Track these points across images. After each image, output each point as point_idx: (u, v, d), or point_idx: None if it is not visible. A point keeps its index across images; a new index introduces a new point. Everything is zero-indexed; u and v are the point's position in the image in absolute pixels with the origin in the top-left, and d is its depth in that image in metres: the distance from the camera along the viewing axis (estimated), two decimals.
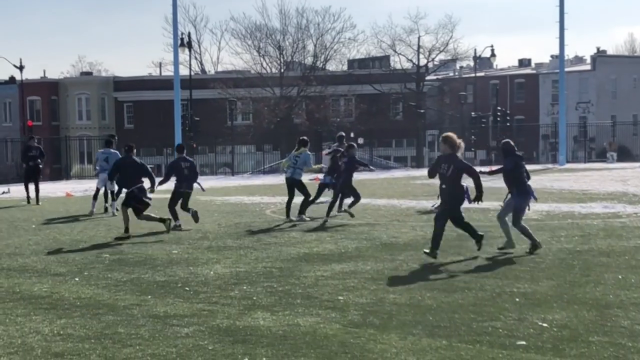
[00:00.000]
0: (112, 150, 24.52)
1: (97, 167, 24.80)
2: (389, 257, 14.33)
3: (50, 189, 38.81)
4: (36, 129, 70.71)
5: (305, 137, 21.91)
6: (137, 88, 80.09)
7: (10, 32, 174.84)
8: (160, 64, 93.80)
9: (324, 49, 78.43)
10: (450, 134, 14.44)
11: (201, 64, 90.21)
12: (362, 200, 22.17)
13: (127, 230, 18.08)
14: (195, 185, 20.48)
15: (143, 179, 18.96)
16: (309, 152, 21.37)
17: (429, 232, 17.43)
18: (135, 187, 18.61)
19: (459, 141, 14.12)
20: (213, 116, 70.64)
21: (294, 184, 21.02)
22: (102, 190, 24.56)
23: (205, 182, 43.73)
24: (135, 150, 19.44)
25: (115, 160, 21.32)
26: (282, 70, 76.55)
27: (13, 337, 9.02)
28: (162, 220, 18.70)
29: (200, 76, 79.93)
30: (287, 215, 20.90)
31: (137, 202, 18.45)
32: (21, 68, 71.27)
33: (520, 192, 14.63)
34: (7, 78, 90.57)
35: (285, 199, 21.34)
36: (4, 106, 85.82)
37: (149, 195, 18.77)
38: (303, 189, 20.93)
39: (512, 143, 15.29)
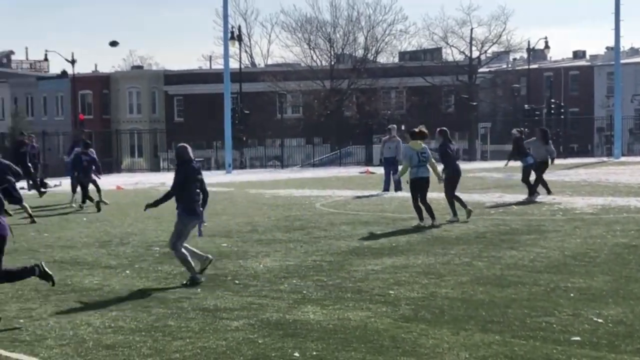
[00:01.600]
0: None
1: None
2: (441, 251, 14.25)
3: (101, 182, 39.16)
4: (87, 123, 71.54)
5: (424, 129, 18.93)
6: (187, 81, 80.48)
7: (62, 26, 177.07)
8: (211, 57, 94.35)
9: (375, 41, 78.19)
10: None
11: (251, 57, 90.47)
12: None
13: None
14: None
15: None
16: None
17: (481, 226, 17.36)
18: None
19: None
20: (263, 109, 70.77)
21: (428, 184, 18.37)
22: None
23: (255, 175, 44.01)
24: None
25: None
26: (333, 62, 76.46)
27: (65, 328, 9.12)
28: None
29: (250, 69, 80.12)
30: (423, 215, 18.08)
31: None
32: (73, 62, 71.90)
33: (184, 210, 12.08)
34: (59, 72, 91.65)
35: (339, 192, 21.20)
36: (56, 100, 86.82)
37: None
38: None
39: (188, 149, 12.33)
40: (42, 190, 29.41)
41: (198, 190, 12.17)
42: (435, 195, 19.94)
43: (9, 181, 19.16)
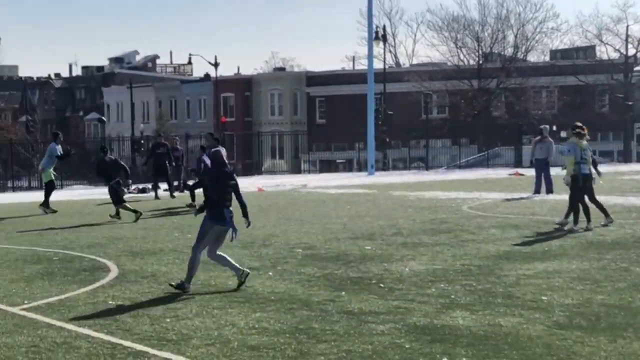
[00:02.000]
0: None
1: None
2: (596, 255, 13.89)
3: (242, 184, 39.85)
4: (229, 125, 73.00)
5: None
6: (329, 83, 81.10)
7: (206, 30, 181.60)
8: (354, 57, 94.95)
9: (525, 39, 77.05)
10: None
11: (395, 56, 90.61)
12: (562, 197, 21.61)
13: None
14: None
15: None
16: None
17: (638, 230, 16.85)
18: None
19: None
20: (407, 109, 70.68)
21: (589, 181, 18.18)
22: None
23: (399, 176, 43.99)
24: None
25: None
26: (480, 61, 75.71)
27: (210, 329, 9.30)
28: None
29: (394, 69, 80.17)
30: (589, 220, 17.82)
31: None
32: (216, 65, 73.58)
33: (209, 214, 11.88)
34: (202, 75, 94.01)
35: (486, 194, 20.95)
36: (199, 103, 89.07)
37: None
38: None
39: (221, 151, 12.22)
40: (174, 194, 30.25)
41: (229, 196, 11.95)
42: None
43: (116, 178, 22.39)
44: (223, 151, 12.32)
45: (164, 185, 31.45)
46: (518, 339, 8.55)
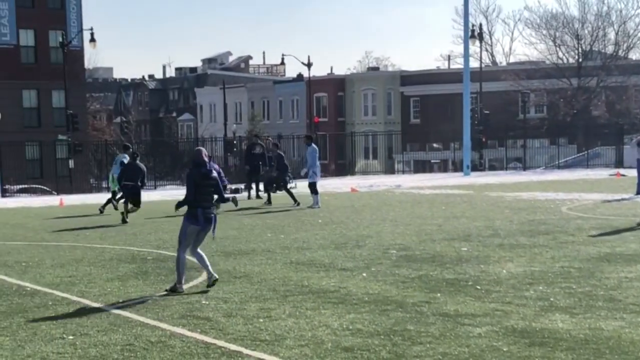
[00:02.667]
0: None
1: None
2: None
3: (335, 184, 39.98)
4: (322, 125, 73.22)
5: None
6: (424, 82, 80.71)
7: (299, 30, 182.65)
8: (449, 56, 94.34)
9: (626, 36, 75.70)
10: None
11: (492, 55, 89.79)
12: None
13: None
14: None
15: None
16: None
17: None
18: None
19: None
20: (504, 109, 69.88)
21: None
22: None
23: (495, 177, 43.54)
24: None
25: None
26: (580, 60, 74.56)
27: (303, 329, 9.34)
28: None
29: (490, 68, 79.42)
30: None
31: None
32: (309, 65, 73.84)
33: (187, 214, 12.09)
34: (295, 75, 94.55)
35: (586, 195, 20.65)
36: (292, 103, 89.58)
37: None
38: None
39: (202, 153, 12.28)
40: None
41: (211, 196, 12.20)
42: None
43: (136, 183, 23.53)
44: (204, 151, 12.47)
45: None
46: (620, 344, 8.39)
